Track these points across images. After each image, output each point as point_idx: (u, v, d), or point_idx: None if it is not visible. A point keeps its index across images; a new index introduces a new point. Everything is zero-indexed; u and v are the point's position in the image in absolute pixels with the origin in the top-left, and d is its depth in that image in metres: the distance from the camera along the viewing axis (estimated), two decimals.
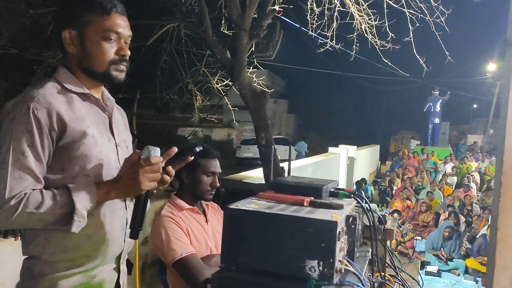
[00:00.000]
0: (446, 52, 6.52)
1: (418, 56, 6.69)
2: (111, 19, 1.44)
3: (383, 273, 1.69)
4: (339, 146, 11.92)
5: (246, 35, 4.57)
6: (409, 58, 7.04)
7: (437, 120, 19.87)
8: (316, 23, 6.43)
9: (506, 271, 2.74)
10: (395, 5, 6.13)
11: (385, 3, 6.11)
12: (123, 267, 1.64)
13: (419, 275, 3.61)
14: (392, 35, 6.34)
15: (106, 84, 1.58)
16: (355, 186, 11.62)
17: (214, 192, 2.46)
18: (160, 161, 1.40)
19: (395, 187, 13.01)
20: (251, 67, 5.90)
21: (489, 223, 8.74)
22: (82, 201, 1.34)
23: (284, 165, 4.34)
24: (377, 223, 1.66)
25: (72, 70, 1.49)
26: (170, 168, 1.46)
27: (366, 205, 1.39)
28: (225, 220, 1.18)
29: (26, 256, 1.47)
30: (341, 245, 1.14)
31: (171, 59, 7.52)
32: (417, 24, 6.17)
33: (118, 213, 1.51)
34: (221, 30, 5.15)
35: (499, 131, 2.88)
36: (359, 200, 1.39)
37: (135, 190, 1.39)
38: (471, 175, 14.92)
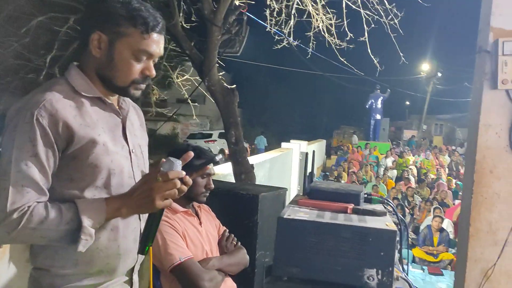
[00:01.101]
0: (401, 54, 6.82)
1: (372, 56, 6.94)
2: (150, 39, 1.35)
3: None
4: (291, 141, 12.10)
5: (218, 31, 4.50)
6: (360, 57, 7.30)
7: (378, 116, 20.78)
8: (275, 19, 6.49)
9: (478, 264, 2.93)
10: (353, 6, 6.30)
11: (344, 3, 6.26)
12: (135, 278, 1.58)
13: None
14: (351, 34, 6.51)
15: None
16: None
17: (208, 194, 2.41)
18: (181, 175, 1.31)
19: (342, 181, 13.47)
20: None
21: (431, 214, 9.33)
22: (90, 218, 1.25)
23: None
24: None
25: (87, 71, 1.39)
26: (187, 178, 1.36)
27: (398, 212, 1.43)
28: (278, 230, 1.17)
29: (34, 267, 1.38)
30: None
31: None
32: (372, 25, 6.40)
33: (131, 225, 1.43)
34: (191, 24, 5.04)
35: (471, 132, 3.05)
36: (392, 205, 1.43)
37: (148, 208, 1.31)
38: (410, 169, 15.78)
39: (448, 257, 7.68)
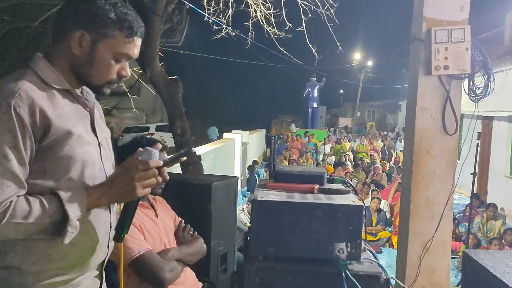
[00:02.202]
0: (338, 43, 7.06)
1: (310, 45, 7.12)
2: (132, 44, 1.37)
3: None
4: (232, 131, 12.16)
5: (160, 20, 4.43)
6: (299, 47, 7.47)
7: (315, 105, 21.36)
8: (213, 9, 6.47)
9: (418, 238, 3.17)
10: None
11: None
12: (103, 273, 1.57)
13: None
14: (290, 24, 6.63)
15: None
16: (248, 170, 12.03)
17: (163, 186, 2.41)
18: (159, 165, 1.32)
19: None
20: None
21: (369, 197, 9.83)
22: (75, 210, 1.23)
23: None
24: None
25: (56, 64, 1.35)
26: (165, 169, 1.37)
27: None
28: (253, 212, 1.22)
29: (1, 266, 1.30)
30: None
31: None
32: (310, 15, 6.56)
33: (102, 218, 1.41)
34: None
35: (409, 116, 3.27)
36: (352, 185, 1.53)
37: (128, 196, 1.31)
38: (347, 154, 16.44)
39: (386, 235, 8.14)
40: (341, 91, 38.11)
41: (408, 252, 3.21)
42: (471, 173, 4.99)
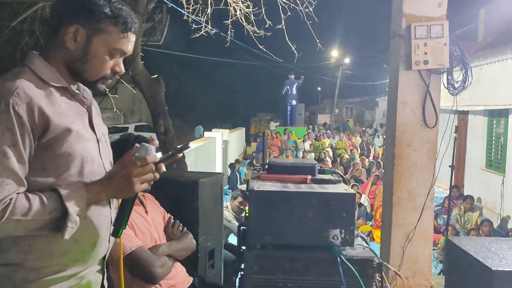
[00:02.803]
0: (317, 40, 7.14)
1: (289, 43, 7.17)
2: (127, 38, 1.37)
3: None
4: (213, 130, 12.16)
5: (141, 18, 4.42)
6: (278, 45, 7.52)
7: (294, 102, 21.46)
8: (192, 8, 6.46)
9: (401, 228, 3.26)
10: None
11: None
12: (105, 268, 1.58)
13: None
14: (270, 22, 6.67)
15: None
16: (229, 168, 12.05)
17: (152, 183, 2.42)
18: (156, 160, 1.33)
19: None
20: None
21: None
22: (74, 206, 1.24)
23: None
24: None
25: (52, 61, 1.35)
26: (162, 165, 1.38)
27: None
28: (251, 202, 1.25)
29: (2, 263, 1.30)
30: None
31: (34, 41, 6.80)
32: (289, 13, 6.61)
33: (103, 213, 1.42)
34: None
35: (390, 110, 3.36)
36: (342, 175, 1.58)
37: (127, 192, 1.32)
38: (326, 151, 16.63)
39: (367, 229, 8.29)
40: (319, 88, 38.47)
41: (392, 243, 3.30)
42: (450, 166, 5.13)
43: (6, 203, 1.16)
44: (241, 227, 1.68)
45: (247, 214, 1.28)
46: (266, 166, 1.53)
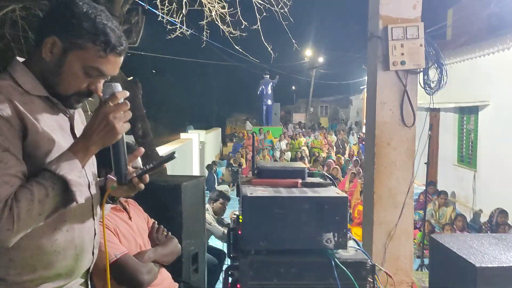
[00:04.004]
0: (293, 40, 7.19)
1: (265, 43, 7.19)
2: (106, 60, 1.29)
3: None
4: (189, 131, 12.08)
5: (117, 21, 4.34)
6: (254, 45, 7.53)
7: (269, 102, 21.53)
8: (166, 9, 6.40)
9: (382, 226, 3.31)
10: None
11: None
12: (89, 281, 1.55)
13: None
14: (246, 23, 6.67)
15: None
16: (206, 169, 12.00)
17: (138, 191, 2.39)
18: (127, 95, 1.28)
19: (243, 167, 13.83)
20: None
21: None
22: (69, 171, 1.21)
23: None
24: None
25: (33, 70, 1.32)
26: (147, 176, 1.38)
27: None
28: (244, 208, 1.25)
29: None
30: None
31: (4, 45, 6.61)
32: (264, 14, 6.63)
33: (86, 225, 1.40)
34: None
35: (370, 110, 3.41)
36: (330, 178, 1.60)
37: (111, 135, 1.25)
38: (302, 149, 16.75)
39: None
40: (293, 87, 38.69)
41: (374, 241, 3.35)
42: (425, 163, 5.25)
43: (8, 203, 1.14)
44: (231, 232, 1.67)
45: (240, 220, 1.28)
46: (256, 171, 1.53)
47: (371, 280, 1.29)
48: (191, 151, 10.69)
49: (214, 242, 5.28)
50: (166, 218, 2.91)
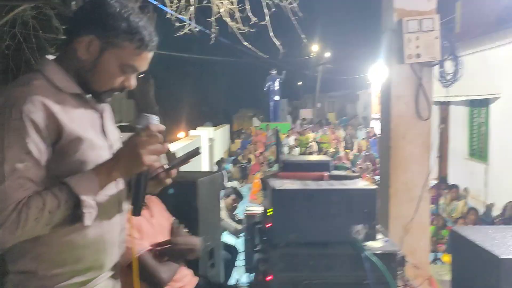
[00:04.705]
0: (302, 35, 7.17)
1: (274, 39, 7.17)
2: (140, 57, 1.34)
3: None
4: (197, 128, 12.10)
5: None
6: (262, 41, 7.51)
7: (277, 98, 21.52)
8: (175, 6, 6.40)
9: (398, 220, 3.31)
10: None
11: None
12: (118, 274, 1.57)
13: None
14: (256, 19, 6.65)
15: None
16: (216, 166, 12.02)
17: (162, 188, 2.39)
18: (161, 129, 1.29)
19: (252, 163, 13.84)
20: None
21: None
22: (85, 191, 1.22)
23: None
24: None
25: (65, 67, 1.33)
26: (174, 171, 1.40)
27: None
28: (274, 201, 1.26)
29: (15, 271, 1.30)
30: None
31: (16, 44, 6.65)
32: (273, 9, 6.61)
33: (114, 220, 1.41)
34: None
35: (384, 103, 3.41)
36: (355, 171, 1.60)
37: (136, 165, 1.26)
38: (311, 145, 16.72)
39: None
40: (299, 83, 38.50)
41: (390, 235, 3.34)
42: (437, 156, 5.22)
43: (19, 207, 1.16)
44: (256, 226, 1.69)
45: (269, 213, 1.28)
46: (281, 165, 1.54)
47: (400, 272, 1.30)
48: (200, 148, 10.69)
49: (227, 238, 5.31)
50: (182, 214, 2.92)
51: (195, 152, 1.42)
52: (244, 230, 5.63)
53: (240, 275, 4.74)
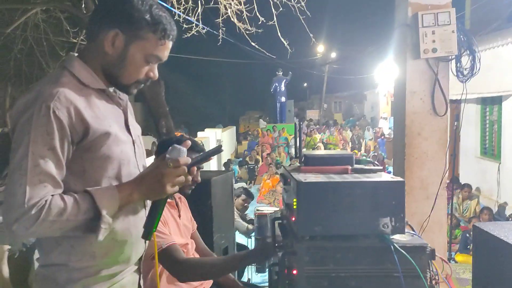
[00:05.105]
0: (311, 34, 7.14)
1: (282, 39, 7.14)
2: (164, 46, 1.37)
3: None
4: (206, 130, 12.11)
5: None
6: (265, 41, 7.48)
7: (283, 99, 21.49)
8: (183, 7, 6.41)
9: (414, 218, 3.25)
10: None
11: None
12: (141, 268, 1.57)
13: None
14: (263, 19, 6.63)
15: None
16: (224, 167, 12.01)
17: (193, 187, 2.38)
18: (188, 162, 1.32)
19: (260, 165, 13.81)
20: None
21: None
22: (106, 206, 1.24)
23: None
24: None
25: (90, 63, 1.35)
26: (194, 168, 1.39)
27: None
28: (299, 194, 1.23)
29: (45, 264, 1.33)
30: None
31: (28, 48, 6.71)
32: (281, 9, 6.58)
33: (140, 213, 1.43)
34: None
35: (398, 100, 3.36)
36: (378, 165, 1.56)
37: (158, 193, 1.31)
38: (318, 146, 16.67)
39: None
40: (305, 84, 38.43)
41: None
42: (451, 154, 5.16)
43: (41, 204, 1.16)
44: (276, 221, 1.66)
45: (294, 207, 1.25)
46: (303, 159, 1.51)
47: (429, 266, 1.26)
48: (208, 149, 10.69)
49: (238, 237, 5.28)
50: (196, 212, 2.91)
51: (218, 149, 1.42)
52: (255, 230, 5.63)
53: (251, 274, 4.72)
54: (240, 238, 5.25)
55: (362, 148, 17.70)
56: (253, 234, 5.63)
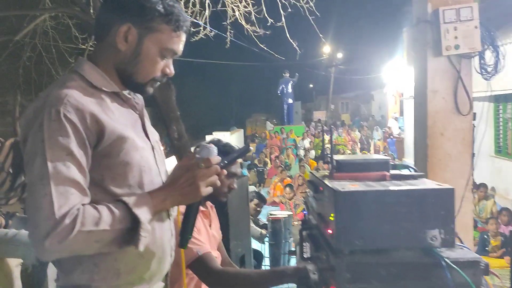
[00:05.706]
0: (320, 35, 7.03)
1: (291, 40, 7.04)
2: (178, 37, 1.28)
3: None
4: (213, 133, 12.04)
5: None
6: (277, 43, 7.38)
7: (290, 101, 21.33)
8: (190, 11, 6.33)
9: None
10: None
11: None
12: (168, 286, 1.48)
13: None
14: (272, 20, 6.54)
15: None
16: None
17: (229, 194, 2.29)
18: (219, 161, 1.24)
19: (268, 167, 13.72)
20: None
21: None
22: (144, 213, 1.14)
23: None
24: None
25: (102, 65, 1.26)
26: (224, 171, 1.29)
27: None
28: (337, 204, 1.12)
29: (66, 285, 1.22)
30: None
31: (36, 55, 6.67)
32: (289, 10, 6.49)
33: (165, 226, 1.33)
34: None
35: (419, 99, 3.24)
36: (416, 170, 1.45)
37: (193, 196, 1.22)
38: (326, 147, 16.50)
39: None
40: (311, 85, 38.25)
41: None
42: (472, 154, 5.01)
43: (74, 214, 1.06)
44: (303, 232, 1.55)
45: (331, 218, 1.14)
46: (335, 165, 1.40)
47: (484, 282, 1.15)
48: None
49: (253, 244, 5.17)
50: None
51: (246, 149, 1.34)
52: (269, 235, 5.51)
53: None
54: (253, 244, 5.13)
55: (371, 148, 17.54)
56: (266, 239, 5.51)
